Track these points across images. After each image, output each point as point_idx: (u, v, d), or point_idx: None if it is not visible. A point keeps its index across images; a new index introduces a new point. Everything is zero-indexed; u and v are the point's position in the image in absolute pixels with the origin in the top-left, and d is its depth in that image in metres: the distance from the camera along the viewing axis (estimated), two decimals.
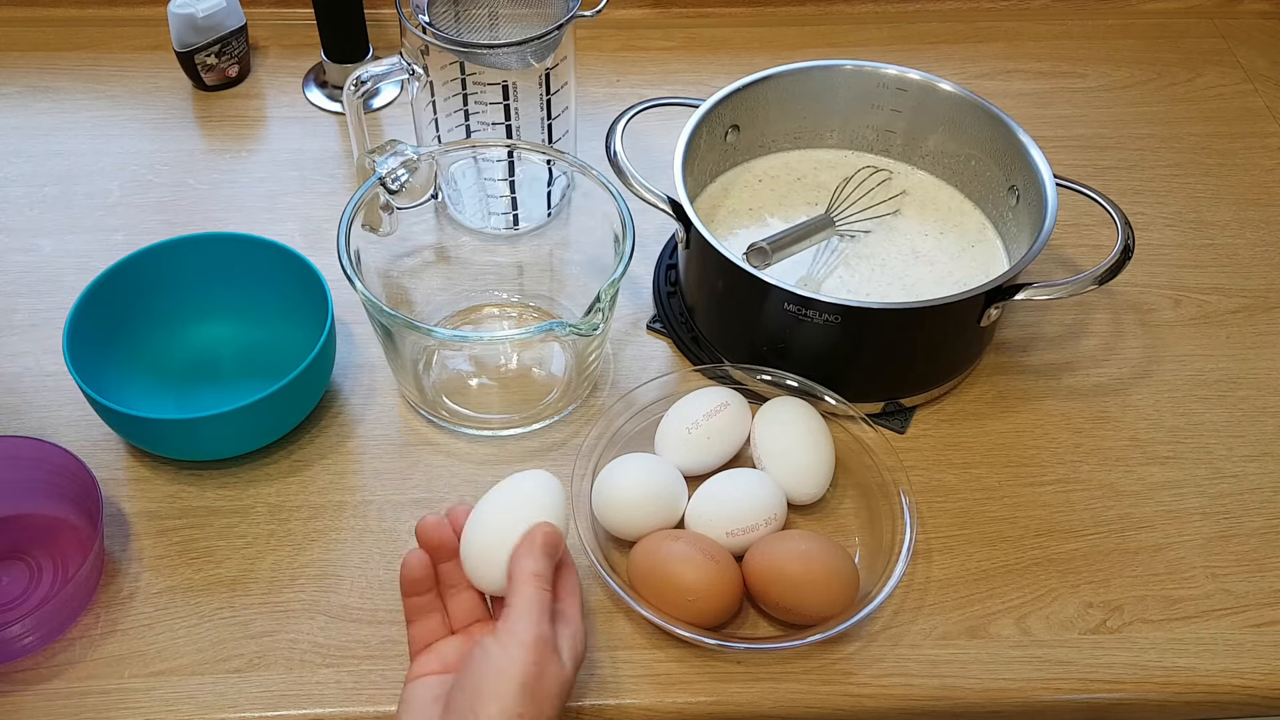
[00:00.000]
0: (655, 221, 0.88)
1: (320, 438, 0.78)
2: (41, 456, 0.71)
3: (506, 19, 0.84)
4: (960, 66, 1.08)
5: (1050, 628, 0.70)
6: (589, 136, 0.92)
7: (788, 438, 0.74)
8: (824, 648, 0.68)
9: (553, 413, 0.79)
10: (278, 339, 0.80)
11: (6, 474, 0.72)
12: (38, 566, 0.71)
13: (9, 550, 0.72)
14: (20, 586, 0.70)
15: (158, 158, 0.97)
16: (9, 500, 0.73)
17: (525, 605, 0.57)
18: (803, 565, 0.67)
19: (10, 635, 0.65)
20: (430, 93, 0.84)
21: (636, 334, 0.85)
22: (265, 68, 1.06)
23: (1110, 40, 1.12)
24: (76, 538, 0.72)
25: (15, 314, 0.85)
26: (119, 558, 0.71)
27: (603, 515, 0.71)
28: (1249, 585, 0.72)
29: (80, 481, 0.70)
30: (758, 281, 0.73)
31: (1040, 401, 0.82)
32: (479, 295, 0.86)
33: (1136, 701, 0.68)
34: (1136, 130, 1.03)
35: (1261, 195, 0.97)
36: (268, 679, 0.67)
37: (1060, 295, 0.74)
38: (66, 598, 0.66)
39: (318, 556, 0.72)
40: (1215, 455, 0.79)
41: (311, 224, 0.92)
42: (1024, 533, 0.74)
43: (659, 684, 0.67)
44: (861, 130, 0.90)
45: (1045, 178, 0.78)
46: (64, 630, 0.68)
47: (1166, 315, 0.88)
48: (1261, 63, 1.10)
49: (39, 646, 0.67)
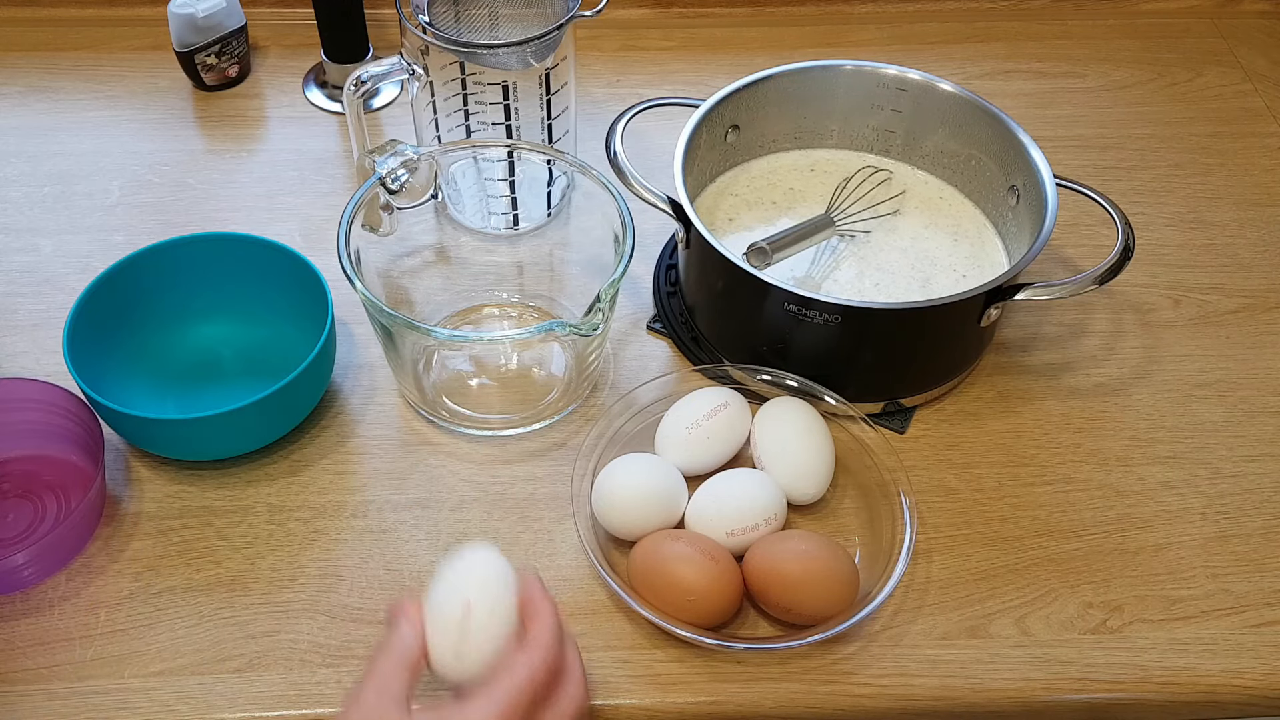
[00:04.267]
0: (655, 221, 0.88)
1: (320, 438, 0.78)
2: (46, 398, 0.74)
3: (506, 19, 0.84)
4: (960, 66, 1.08)
5: (1050, 628, 0.70)
6: (589, 136, 0.92)
7: (788, 438, 0.74)
8: (824, 648, 0.68)
9: (553, 413, 0.79)
10: (278, 339, 0.80)
11: (12, 416, 0.75)
12: (42, 504, 0.74)
13: (16, 490, 0.75)
14: (25, 522, 0.73)
15: (158, 158, 0.97)
16: (15, 442, 0.76)
17: (546, 630, 0.56)
18: (803, 565, 0.67)
19: (12, 565, 0.68)
20: (430, 93, 0.84)
21: (636, 334, 0.85)
22: (265, 68, 1.06)
23: (1110, 40, 1.12)
24: (80, 476, 0.75)
25: (15, 314, 0.85)
26: (119, 557, 0.72)
27: (603, 515, 0.71)
28: (1249, 585, 0.72)
29: (83, 421, 0.73)
30: (758, 281, 0.73)
31: (1040, 401, 0.82)
32: (479, 295, 0.86)
33: (1136, 701, 0.68)
34: (1136, 130, 1.03)
35: (1261, 195, 0.97)
36: (268, 679, 0.67)
37: (1060, 295, 0.74)
38: (66, 531, 0.69)
39: (318, 556, 0.72)
40: (1215, 455, 0.79)
41: (311, 224, 0.92)
42: (1024, 533, 0.74)
43: (659, 684, 0.67)
44: (861, 130, 0.90)
45: (1045, 178, 0.78)
46: (64, 564, 0.71)
47: (1166, 315, 0.88)
48: (1261, 63, 1.10)
49: (38, 579, 0.70)
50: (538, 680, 0.55)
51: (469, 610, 0.56)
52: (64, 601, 0.69)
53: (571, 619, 0.69)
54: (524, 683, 0.54)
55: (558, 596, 0.70)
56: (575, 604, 0.70)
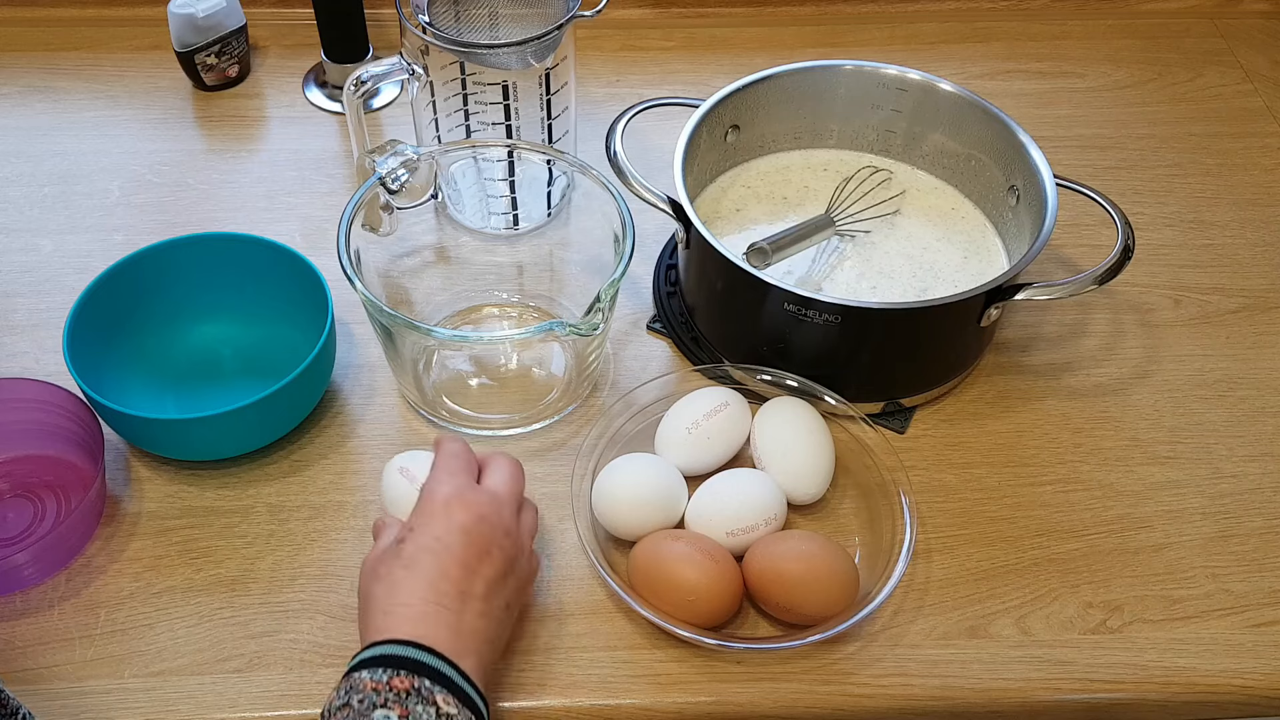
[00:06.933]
0: (655, 221, 0.88)
1: (320, 438, 0.78)
2: (46, 398, 0.74)
3: (506, 19, 0.84)
4: (960, 66, 1.08)
5: (1050, 628, 0.70)
6: (589, 136, 0.92)
7: (788, 438, 0.74)
8: (824, 648, 0.68)
9: (553, 413, 0.79)
10: (278, 339, 0.80)
11: (12, 416, 0.75)
12: (42, 504, 0.74)
13: (16, 490, 0.75)
14: (25, 522, 0.73)
15: (158, 158, 0.97)
16: (14, 442, 0.76)
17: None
18: (803, 565, 0.67)
19: (12, 565, 0.67)
20: (430, 93, 0.84)
21: (636, 334, 0.85)
22: (265, 68, 1.06)
23: (1110, 40, 1.12)
24: (79, 476, 0.75)
25: (15, 314, 0.85)
26: (119, 557, 0.72)
27: (603, 515, 0.71)
28: (1249, 585, 0.72)
29: (82, 421, 0.73)
30: (758, 281, 0.73)
31: (1040, 401, 0.82)
32: (479, 295, 0.86)
33: (1136, 701, 0.68)
34: (1136, 130, 1.03)
35: (1261, 195, 0.97)
36: (268, 679, 0.67)
37: (1060, 295, 0.74)
38: (66, 531, 0.69)
39: (318, 556, 0.72)
40: (1215, 455, 0.79)
41: (311, 224, 0.92)
42: (1024, 533, 0.74)
43: (659, 684, 0.67)
44: (861, 130, 0.90)
45: (1045, 178, 0.78)
46: (64, 564, 0.71)
47: (1166, 315, 0.88)
48: (1261, 63, 1.10)
49: (38, 579, 0.70)
50: (468, 452, 0.67)
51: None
52: (64, 601, 0.69)
53: (571, 619, 0.69)
54: (458, 447, 0.66)
55: (558, 596, 0.70)
56: (575, 604, 0.70)
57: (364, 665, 0.55)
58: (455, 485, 0.63)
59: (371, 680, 0.54)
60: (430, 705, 0.54)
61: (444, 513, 0.62)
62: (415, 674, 0.55)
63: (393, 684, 0.54)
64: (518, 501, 0.66)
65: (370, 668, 0.55)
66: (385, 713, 0.53)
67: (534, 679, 0.67)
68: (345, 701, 0.54)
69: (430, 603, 0.58)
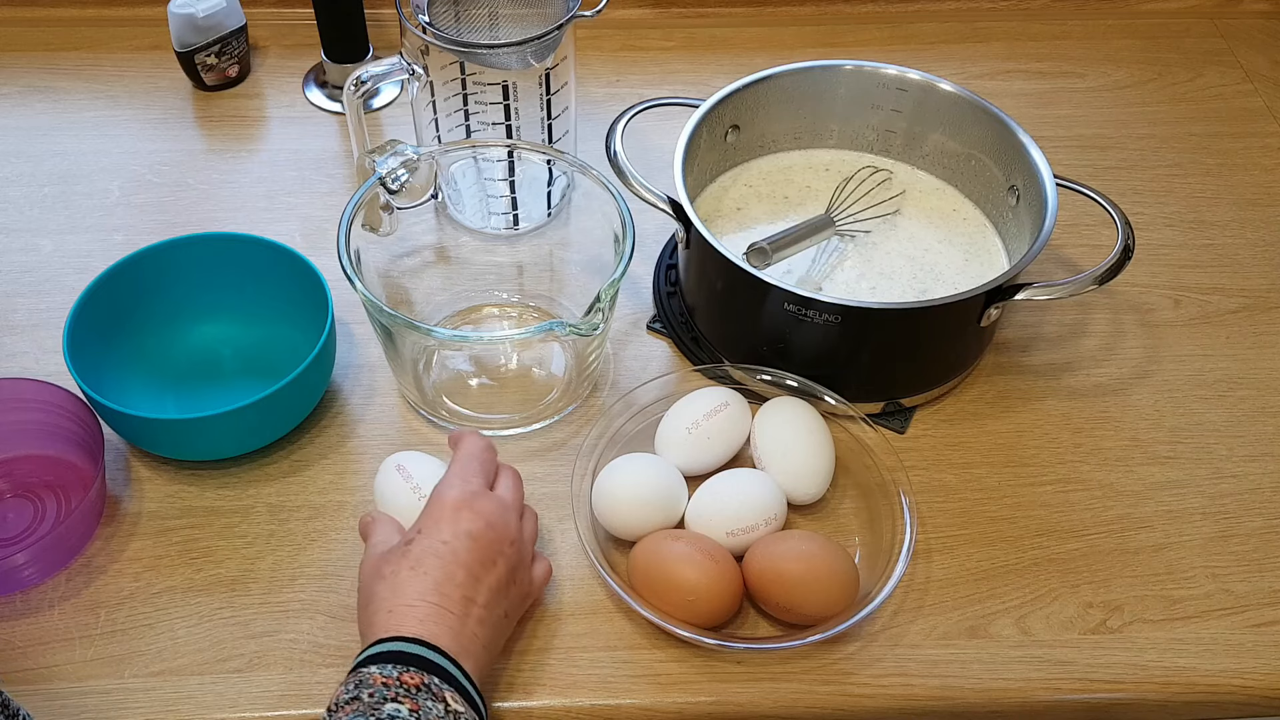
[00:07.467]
0: (655, 221, 0.88)
1: (320, 438, 0.78)
2: (46, 398, 0.74)
3: (506, 19, 0.84)
4: (960, 66, 1.08)
5: (1050, 628, 0.70)
6: (589, 136, 0.92)
7: (788, 438, 0.74)
8: (824, 648, 0.68)
9: (553, 413, 0.79)
10: (278, 339, 0.80)
11: (12, 416, 0.75)
12: (42, 504, 0.74)
13: (16, 490, 0.75)
14: (25, 522, 0.73)
15: (158, 158, 0.97)
16: (14, 442, 0.76)
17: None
18: (803, 565, 0.67)
19: (12, 565, 0.68)
20: (430, 93, 0.84)
21: (636, 334, 0.85)
22: (265, 68, 1.06)
23: (1110, 40, 1.12)
24: (79, 476, 0.75)
25: (15, 314, 0.85)
26: (119, 557, 0.72)
27: (603, 515, 0.71)
28: (1249, 585, 0.72)
29: (82, 421, 0.73)
30: (758, 281, 0.73)
31: (1040, 401, 0.82)
32: (479, 295, 0.86)
33: (1136, 701, 0.68)
34: (1136, 130, 1.03)
35: (1261, 195, 0.97)
36: (268, 679, 0.67)
37: (1060, 295, 0.74)
38: (66, 531, 0.69)
39: (318, 556, 0.72)
40: (1215, 455, 0.79)
41: (311, 224, 0.92)
42: (1024, 533, 0.74)
43: (659, 684, 0.67)
44: (861, 130, 0.90)
45: (1045, 178, 0.78)
46: (64, 564, 0.71)
47: (1166, 315, 0.88)
48: (1261, 63, 1.10)
49: (38, 579, 0.70)
50: (487, 455, 0.67)
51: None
52: (64, 601, 0.69)
53: (571, 619, 0.69)
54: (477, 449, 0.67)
55: (558, 596, 0.70)
56: (575, 604, 0.70)
57: (372, 660, 0.56)
58: (466, 490, 0.64)
59: (381, 675, 0.54)
60: (440, 702, 0.54)
61: (453, 517, 0.62)
62: (425, 671, 0.55)
63: (403, 679, 0.54)
64: (520, 509, 0.67)
65: (379, 663, 0.55)
66: (396, 706, 0.53)
67: (534, 679, 0.67)
68: (355, 695, 0.54)
69: (434, 605, 0.59)
